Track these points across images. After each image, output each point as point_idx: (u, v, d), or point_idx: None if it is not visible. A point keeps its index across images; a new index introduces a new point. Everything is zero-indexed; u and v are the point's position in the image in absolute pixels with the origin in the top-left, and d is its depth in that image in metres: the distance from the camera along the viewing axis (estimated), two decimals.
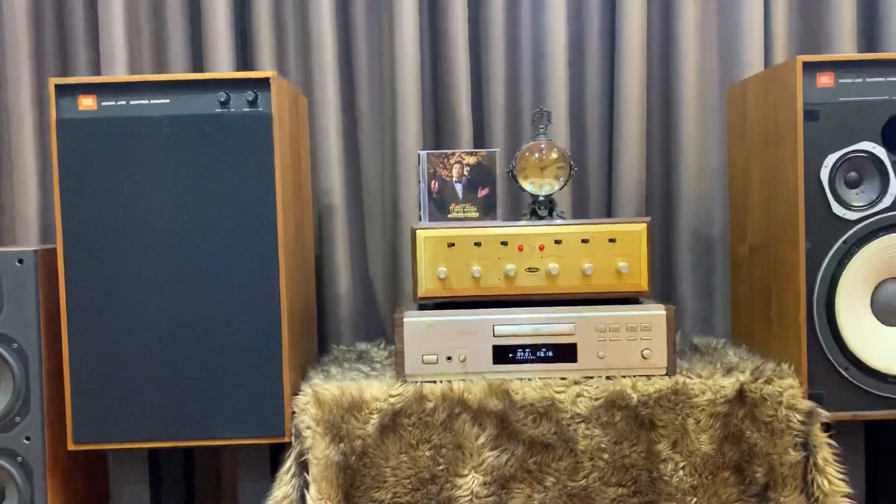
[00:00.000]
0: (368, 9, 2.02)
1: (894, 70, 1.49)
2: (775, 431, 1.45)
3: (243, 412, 1.47)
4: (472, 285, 1.52)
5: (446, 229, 1.52)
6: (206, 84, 1.46)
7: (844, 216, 1.49)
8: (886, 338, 1.51)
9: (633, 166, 1.98)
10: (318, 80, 1.95)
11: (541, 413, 1.45)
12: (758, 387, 1.46)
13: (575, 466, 1.45)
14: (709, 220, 2.02)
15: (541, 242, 1.51)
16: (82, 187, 1.46)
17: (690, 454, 1.45)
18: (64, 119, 1.46)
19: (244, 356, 1.47)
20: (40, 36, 1.98)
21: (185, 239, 1.46)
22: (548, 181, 1.60)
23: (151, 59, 1.97)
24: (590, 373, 1.50)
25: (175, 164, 1.46)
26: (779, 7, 1.98)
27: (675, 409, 1.46)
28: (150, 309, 1.47)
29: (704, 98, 2.02)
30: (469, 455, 1.45)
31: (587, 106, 2.05)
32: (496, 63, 2.01)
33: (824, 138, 1.49)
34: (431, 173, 1.58)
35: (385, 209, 2.05)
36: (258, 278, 1.46)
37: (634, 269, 1.51)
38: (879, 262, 1.50)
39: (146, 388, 1.47)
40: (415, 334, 1.50)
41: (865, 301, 1.52)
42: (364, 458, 1.45)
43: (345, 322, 1.99)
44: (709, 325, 2.02)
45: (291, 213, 1.55)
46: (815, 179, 1.49)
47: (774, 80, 1.58)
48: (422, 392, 1.46)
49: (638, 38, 1.97)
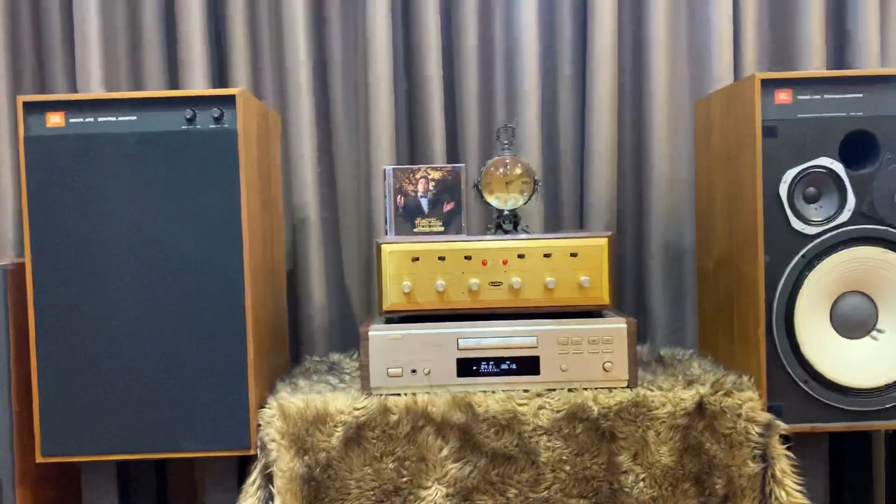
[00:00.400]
0: (343, 25, 2.05)
1: (851, 87, 1.51)
2: (734, 443, 1.47)
3: (210, 425, 1.49)
4: (437, 299, 1.54)
5: (410, 244, 1.54)
6: (173, 101, 1.48)
7: (803, 231, 1.52)
8: (845, 350, 1.53)
9: (604, 178, 2.01)
10: (292, 96, 1.98)
11: (503, 425, 1.47)
12: (717, 399, 1.48)
13: (537, 478, 1.47)
14: (679, 231, 2.04)
15: (504, 257, 1.53)
16: (51, 203, 1.48)
17: (651, 466, 1.47)
18: (32, 136, 1.48)
19: (210, 370, 1.49)
20: (17, 55, 2.01)
21: (151, 254, 1.48)
22: (512, 196, 1.62)
23: (127, 78, 2.00)
24: (552, 385, 1.52)
25: (142, 180, 1.48)
26: (748, 20, 2.01)
27: (635, 421, 1.48)
28: (116, 323, 1.48)
29: (675, 109, 2.05)
30: (432, 467, 1.47)
31: (560, 119, 2.08)
32: (469, 78, 2.04)
33: (783, 154, 1.51)
34: (397, 188, 1.60)
35: (360, 221, 2.07)
36: (223, 293, 1.48)
37: (596, 283, 1.53)
38: (838, 275, 1.52)
39: (114, 402, 1.49)
40: (380, 348, 1.52)
41: (825, 314, 1.54)
42: (328, 471, 1.46)
43: (319, 332, 2.02)
44: (680, 336, 2.05)
45: (259, 227, 1.57)
46: (774, 194, 1.51)
47: (735, 95, 1.61)
48: (386, 405, 1.48)
49: (609, 50, 1.99)
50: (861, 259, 1.52)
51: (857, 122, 1.51)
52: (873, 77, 1.52)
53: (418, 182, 1.60)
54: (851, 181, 1.51)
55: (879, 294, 1.53)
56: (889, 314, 1.53)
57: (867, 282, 1.53)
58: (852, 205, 1.51)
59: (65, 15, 1.99)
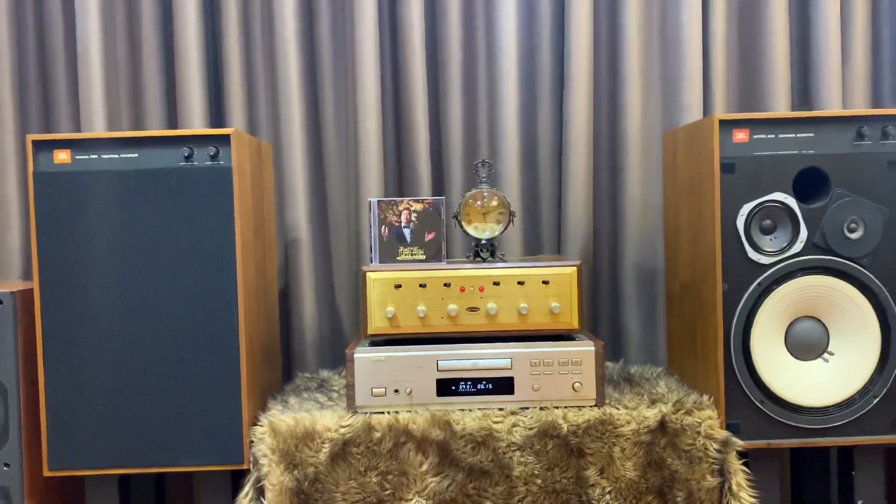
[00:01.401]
0: (335, 66, 2.15)
1: (803, 127, 1.62)
2: (694, 459, 1.58)
3: (205, 441, 1.60)
4: (418, 323, 1.65)
5: (393, 272, 1.65)
6: (172, 140, 1.59)
7: (759, 260, 1.63)
8: (799, 372, 1.64)
9: (580, 204, 2.12)
10: (285, 128, 2.09)
11: (479, 442, 1.58)
12: (679, 418, 1.59)
13: (510, 491, 1.58)
14: (652, 253, 2.15)
15: (480, 284, 1.64)
16: (57, 234, 1.59)
17: (616, 480, 1.58)
18: (40, 172, 1.59)
19: (206, 390, 1.60)
20: (24, 94, 2.12)
21: (151, 281, 1.59)
22: (489, 226, 1.73)
23: (129, 114, 2.11)
24: (525, 404, 1.62)
25: (142, 212, 1.59)
26: (717, 56, 2.12)
27: (602, 437, 1.58)
28: (119, 345, 1.59)
29: (648, 139, 2.15)
30: (413, 481, 1.57)
31: (539, 150, 2.18)
32: (454, 111, 2.15)
33: (740, 189, 1.62)
34: (382, 219, 1.71)
35: (350, 243, 2.18)
36: (219, 318, 1.59)
37: (566, 309, 1.64)
38: (791, 302, 1.63)
39: (116, 420, 1.60)
40: (364, 369, 1.63)
41: (779, 338, 1.65)
42: (316, 484, 1.57)
43: (311, 350, 2.13)
44: (652, 353, 2.16)
45: (252, 254, 1.68)
46: (732, 226, 1.62)
47: (697, 133, 1.72)
48: (370, 423, 1.58)
49: (585, 83, 2.10)
50: (813, 287, 1.63)
51: (809, 159, 1.62)
52: (824, 118, 1.63)
53: (401, 213, 1.71)
54: (804, 214, 1.62)
55: (830, 319, 1.64)
56: (839, 338, 1.64)
57: (819, 308, 1.64)
58: (805, 236, 1.62)
59: (69, 54, 2.10)
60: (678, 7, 2.10)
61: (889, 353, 1.63)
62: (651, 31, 2.15)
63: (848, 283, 1.62)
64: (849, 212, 1.62)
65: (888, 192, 1.62)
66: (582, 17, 2.08)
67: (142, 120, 2.12)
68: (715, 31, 2.11)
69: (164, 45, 2.12)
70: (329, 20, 2.15)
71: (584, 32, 2.09)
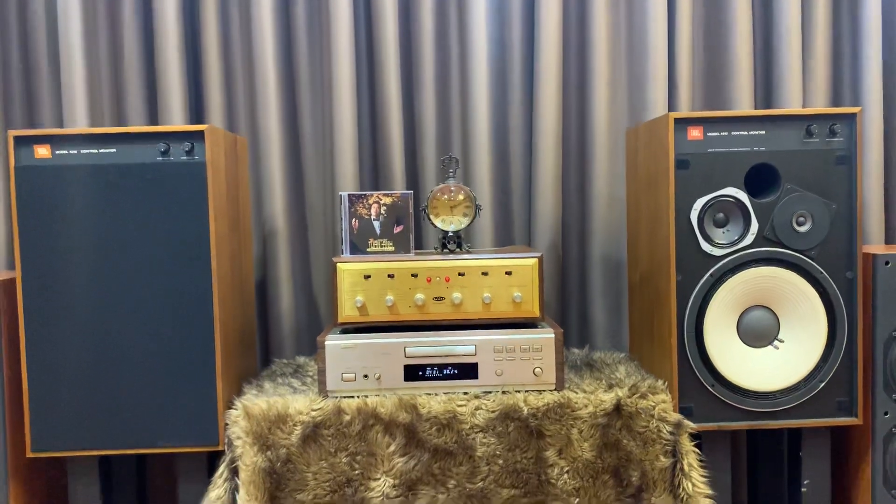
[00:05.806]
0: (311, 63, 2.21)
1: (755, 125, 1.69)
2: (648, 440, 1.66)
3: (182, 424, 1.67)
4: (387, 312, 1.72)
5: (363, 263, 1.72)
6: (149, 136, 1.65)
7: (711, 252, 1.70)
8: (749, 358, 1.72)
9: (549, 197, 2.19)
10: (262, 124, 2.15)
11: (444, 424, 1.65)
12: (633, 401, 1.67)
13: (473, 471, 1.65)
14: (618, 245, 2.23)
15: (446, 275, 1.71)
16: (38, 226, 1.65)
17: (574, 460, 1.66)
18: (22, 166, 1.65)
19: (183, 374, 1.67)
20: (7, 90, 2.17)
21: (129, 271, 1.65)
22: (456, 219, 1.80)
23: (111, 110, 2.17)
24: (489, 388, 1.70)
25: (120, 205, 1.65)
26: (682, 56, 2.18)
27: (560, 420, 1.66)
28: (98, 332, 1.66)
29: (614, 134, 2.22)
30: (381, 461, 1.65)
31: (510, 143, 2.25)
32: (427, 108, 2.21)
33: (694, 184, 1.70)
34: (353, 212, 1.78)
35: (327, 234, 2.25)
36: (194, 306, 1.66)
37: (528, 298, 1.72)
38: (743, 292, 1.71)
39: (96, 403, 1.67)
40: (335, 355, 1.70)
41: (732, 326, 1.73)
42: (288, 465, 1.64)
43: (289, 337, 2.20)
44: (617, 340, 2.24)
45: (227, 245, 1.75)
46: (686, 220, 1.70)
47: (655, 130, 1.79)
48: (340, 406, 1.66)
49: (554, 81, 2.17)
50: (764, 277, 1.71)
51: (760, 156, 1.69)
52: (775, 116, 1.70)
53: (371, 207, 1.78)
54: (755, 209, 1.70)
55: (780, 308, 1.72)
56: (789, 326, 1.72)
57: (770, 297, 1.72)
58: (756, 229, 1.70)
59: (52, 52, 2.15)
60: (644, 8, 2.17)
61: (835, 341, 1.71)
62: (618, 31, 2.22)
63: (797, 273, 1.70)
64: (798, 206, 1.69)
65: (835, 187, 1.70)
66: (551, 17, 2.15)
67: (123, 115, 2.18)
68: (680, 31, 2.18)
69: (145, 41, 2.18)
70: (305, 19, 2.21)
71: (554, 33, 2.16)
